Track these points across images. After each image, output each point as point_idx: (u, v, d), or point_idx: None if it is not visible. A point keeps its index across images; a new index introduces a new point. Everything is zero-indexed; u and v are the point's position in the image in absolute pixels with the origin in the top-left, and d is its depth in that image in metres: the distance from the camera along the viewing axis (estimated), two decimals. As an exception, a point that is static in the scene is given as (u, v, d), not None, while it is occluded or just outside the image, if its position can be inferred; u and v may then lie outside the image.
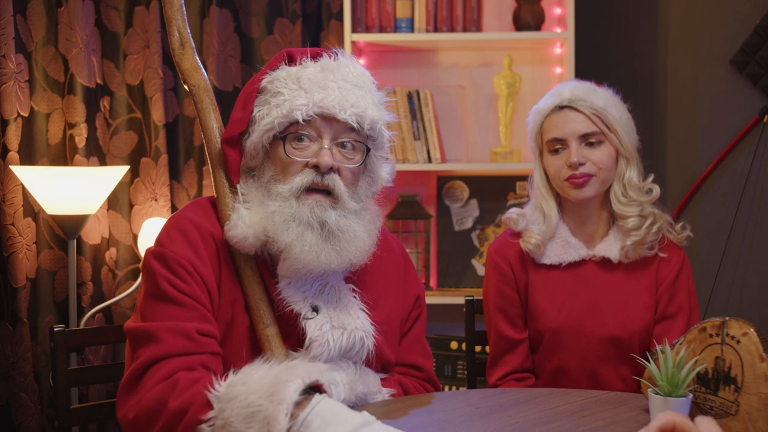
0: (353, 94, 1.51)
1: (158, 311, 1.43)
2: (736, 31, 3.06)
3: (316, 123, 1.50)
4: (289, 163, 1.50)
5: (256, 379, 1.26)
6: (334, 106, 1.48)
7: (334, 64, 1.55)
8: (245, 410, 1.23)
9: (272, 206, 1.48)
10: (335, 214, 1.50)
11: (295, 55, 1.58)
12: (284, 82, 1.52)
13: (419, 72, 3.10)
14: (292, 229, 1.46)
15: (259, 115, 1.53)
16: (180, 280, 1.44)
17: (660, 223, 1.93)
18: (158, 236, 1.53)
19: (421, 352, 1.74)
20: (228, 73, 3.01)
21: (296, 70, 1.54)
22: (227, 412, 1.25)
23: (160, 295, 1.44)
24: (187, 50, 1.66)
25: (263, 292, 1.51)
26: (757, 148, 3.06)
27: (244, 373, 1.30)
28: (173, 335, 1.39)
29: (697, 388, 1.45)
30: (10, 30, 2.51)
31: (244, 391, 1.25)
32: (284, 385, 1.22)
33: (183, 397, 1.31)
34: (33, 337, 2.64)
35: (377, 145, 1.59)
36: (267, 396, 1.22)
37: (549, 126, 1.95)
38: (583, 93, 1.94)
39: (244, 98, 1.56)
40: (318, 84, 1.50)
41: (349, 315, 1.56)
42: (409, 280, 1.74)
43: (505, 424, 1.40)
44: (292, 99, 1.49)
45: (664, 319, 1.93)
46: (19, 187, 2.58)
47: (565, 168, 1.91)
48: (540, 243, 1.95)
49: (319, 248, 1.47)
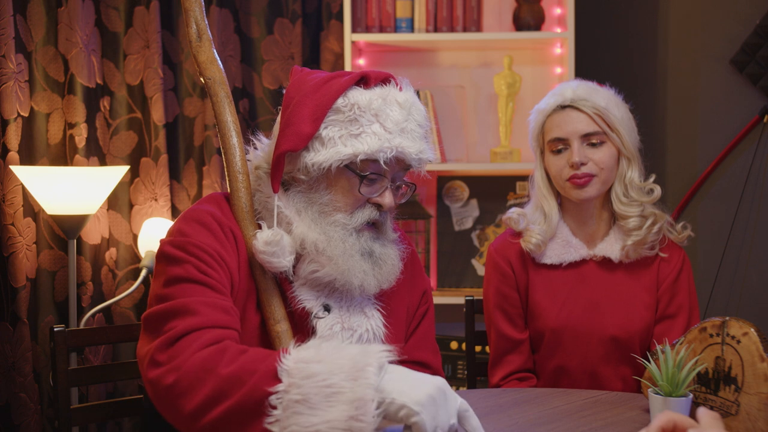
0: (425, 141, 1.57)
1: (189, 291, 1.40)
2: (736, 31, 3.06)
3: (390, 164, 1.54)
4: (357, 198, 1.54)
5: (332, 359, 1.26)
6: (412, 154, 1.54)
7: (408, 102, 1.56)
8: (327, 389, 1.23)
9: (334, 233, 1.52)
10: (379, 244, 1.57)
11: (370, 78, 1.57)
12: (362, 111, 1.52)
13: (419, 72, 3.10)
14: (353, 257, 1.52)
15: (329, 136, 1.52)
16: (208, 266, 1.43)
17: (661, 223, 1.93)
18: (176, 228, 1.50)
19: (429, 348, 1.74)
20: (228, 73, 3.01)
21: (375, 100, 1.53)
22: (305, 388, 1.23)
23: (189, 278, 1.41)
24: (204, 42, 1.65)
25: (276, 289, 1.52)
26: (757, 148, 3.06)
27: (314, 350, 1.28)
28: (211, 308, 1.37)
29: (697, 388, 1.45)
30: (10, 30, 2.51)
31: (322, 369, 1.24)
32: (365, 369, 1.23)
33: (236, 364, 1.28)
34: (33, 337, 2.64)
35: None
36: (350, 379, 1.22)
37: (551, 125, 1.95)
38: (585, 93, 1.94)
39: (314, 111, 1.53)
40: (399, 126, 1.53)
41: (364, 314, 1.57)
42: (416, 274, 1.75)
43: (505, 424, 1.40)
44: (373, 135, 1.51)
45: (664, 319, 1.93)
46: (19, 187, 2.58)
47: (566, 168, 1.91)
48: (541, 243, 1.95)
49: (367, 276, 1.53)
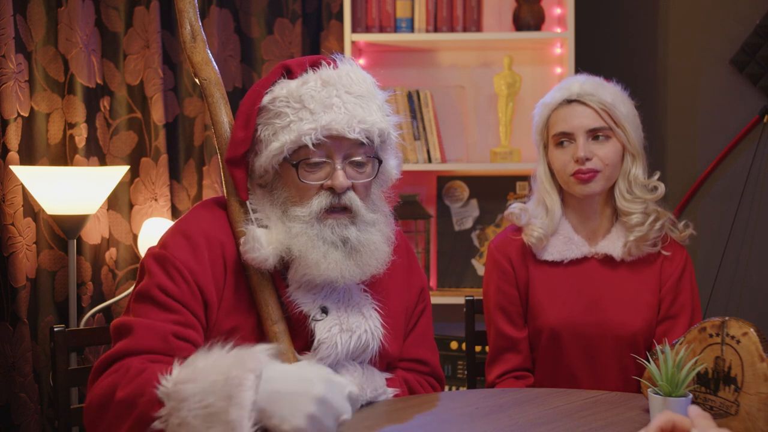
0: (359, 108, 1.49)
1: (141, 311, 1.43)
2: (736, 31, 3.06)
3: (326, 144, 1.48)
4: (304, 188, 1.50)
5: (205, 376, 1.24)
6: (343, 127, 1.47)
7: (335, 75, 1.52)
8: (203, 411, 1.22)
9: (294, 228, 1.49)
10: (355, 229, 1.52)
11: (293, 68, 1.55)
12: (286, 101, 1.50)
13: (419, 72, 3.10)
14: (318, 247, 1.48)
15: (265, 137, 1.51)
16: (172, 283, 1.44)
17: (663, 221, 1.93)
18: (164, 237, 1.53)
19: (427, 346, 1.74)
20: (228, 73, 3.01)
21: (297, 87, 1.51)
22: (183, 411, 1.23)
23: (146, 296, 1.44)
24: (198, 43, 1.64)
25: (272, 289, 1.52)
26: (757, 148, 3.06)
27: (190, 368, 1.27)
28: (147, 332, 1.39)
29: (697, 388, 1.45)
30: (10, 30, 2.51)
31: (196, 390, 1.23)
32: (240, 387, 1.21)
33: (130, 386, 1.30)
34: (33, 337, 2.64)
35: (385, 147, 1.58)
36: (225, 398, 1.21)
37: (556, 119, 1.94)
38: (591, 87, 1.93)
39: (245, 117, 1.53)
40: (322, 103, 1.48)
41: (362, 314, 1.56)
42: (414, 272, 1.75)
43: (505, 424, 1.40)
44: (298, 121, 1.47)
45: (666, 319, 1.93)
46: (19, 187, 2.58)
47: (571, 163, 1.90)
48: (542, 236, 1.94)
49: (344, 265, 1.49)
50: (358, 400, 1.28)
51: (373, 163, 1.55)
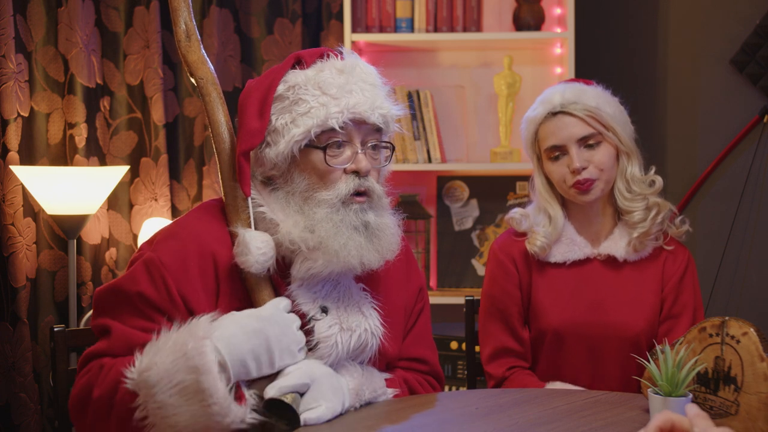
0: (377, 95, 1.54)
1: (122, 310, 1.46)
2: (736, 31, 3.06)
3: (348, 128, 1.51)
4: (330, 171, 1.51)
5: (164, 357, 1.32)
6: (366, 110, 1.51)
7: (348, 66, 1.55)
8: (176, 388, 1.30)
9: (319, 213, 1.49)
10: (373, 214, 1.54)
11: (305, 58, 1.56)
12: (305, 89, 1.51)
13: (419, 72, 3.10)
14: (342, 233, 1.49)
15: (282, 124, 1.51)
16: (155, 289, 1.45)
17: (664, 213, 1.93)
18: (157, 236, 1.53)
19: (426, 344, 1.74)
20: (228, 73, 3.02)
21: (314, 75, 1.53)
22: (158, 395, 1.30)
23: (127, 298, 1.46)
24: (193, 42, 1.63)
25: (272, 293, 1.51)
26: (757, 148, 3.06)
27: (149, 355, 1.34)
28: (120, 340, 1.43)
29: (697, 387, 1.45)
30: (10, 30, 2.52)
31: (161, 373, 1.30)
32: (201, 355, 1.30)
33: (103, 385, 1.38)
34: (33, 337, 2.64)
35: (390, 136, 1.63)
36: (191, 370, 1.29)
37: (545, 134, 1.93)
38: (573, 96, 1.91)
39: (259, 107, 1.53)
40: (343, 89, 1.51)
41: (361, 313, 1.56)
42: (412, 271, 1.75)
43: (505, 424, 1.40)
44: (319, 107, 1.49)
45: (669, 319, 1.92)
46: (19, 187, 2.58)
47: (568, 174, 1.90)
48: (546, 245, 1.94)
49: (364, 250, 1.50)
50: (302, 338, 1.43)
51: (387, 151, 1.59)
